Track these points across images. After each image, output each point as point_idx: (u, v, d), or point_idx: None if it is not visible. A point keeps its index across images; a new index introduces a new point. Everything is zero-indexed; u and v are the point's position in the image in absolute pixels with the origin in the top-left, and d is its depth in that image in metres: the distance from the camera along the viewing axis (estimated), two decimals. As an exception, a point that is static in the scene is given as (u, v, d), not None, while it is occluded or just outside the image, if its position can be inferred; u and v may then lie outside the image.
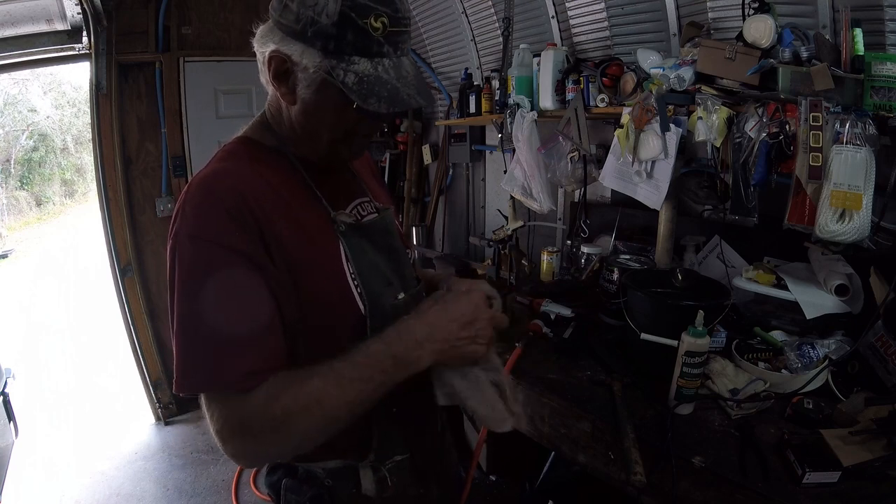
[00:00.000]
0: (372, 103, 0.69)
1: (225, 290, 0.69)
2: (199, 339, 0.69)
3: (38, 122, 12.76)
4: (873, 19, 1.31)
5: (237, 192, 0.72)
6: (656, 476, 1.04)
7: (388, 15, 0.69)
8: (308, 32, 0.69)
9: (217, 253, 0.69)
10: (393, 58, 0.72)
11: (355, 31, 0.68)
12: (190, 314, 0.70)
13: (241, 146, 0.82)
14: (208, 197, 0.72)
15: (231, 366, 0.68)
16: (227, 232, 0.70)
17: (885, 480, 0.92)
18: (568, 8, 2.08)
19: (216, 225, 0.70)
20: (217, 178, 0.75)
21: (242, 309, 0.70)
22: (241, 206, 0.71)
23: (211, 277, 0.69)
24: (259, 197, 0.73)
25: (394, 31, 0.70)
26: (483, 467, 2.27)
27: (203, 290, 0.69)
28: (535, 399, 1.34)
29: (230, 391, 0.69)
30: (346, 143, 0.80)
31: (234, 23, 2.96)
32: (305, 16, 0.68)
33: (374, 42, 0.70)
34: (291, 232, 0.75)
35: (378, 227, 0.89)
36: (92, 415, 3.35)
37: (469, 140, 2.80)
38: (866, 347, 1.23)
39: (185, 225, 0.71)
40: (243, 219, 0.71)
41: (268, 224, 0.73)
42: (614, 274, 1.69)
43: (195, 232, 0.70)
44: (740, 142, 1.38)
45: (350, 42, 0.69)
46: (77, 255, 8.33)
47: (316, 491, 0.85)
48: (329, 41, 0.69)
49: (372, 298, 0.81)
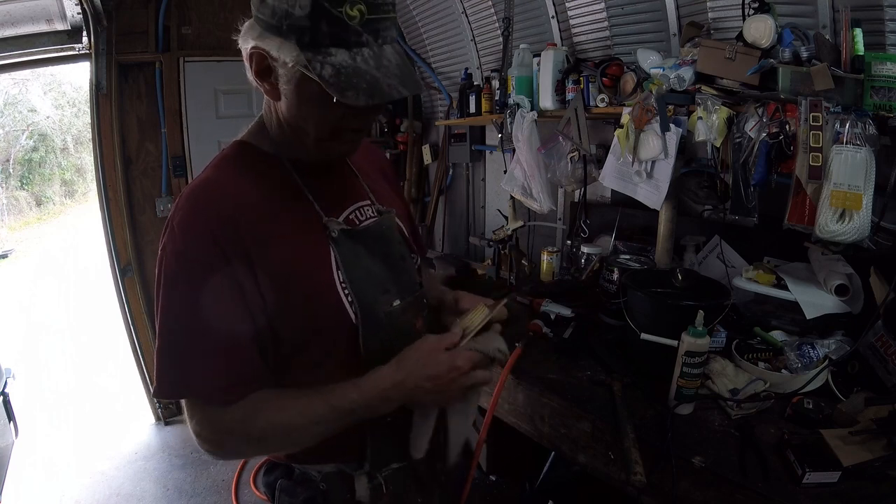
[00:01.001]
0: (350, 96, 0.66)
1: (204, 306, 0.71)
2: (178, 349, 0.73)
3: (38, 122, 12.75)
4: (873, 19, 1.31)
5: (222, 207, 0.74)
6: (656, 476, 1.04)
7: (365, 2, 0.66)
8: (283, 26, 0.67)
9: (199, 273, 0.72)
10: (374, 47, 0.69)
11: (330, 21, 0.65)
12: (171, 325, 0.73)
13: (237, 152, 0.83)
14: (195, 215, 0.74)
15: (205, 378, 0.72)
16: (211, 253, 0.72)
17: (885, 480, 0.92)
18: (568, 8, 2.08)
19: (200, 245, 0.72)
20: (206, 192, 0.76)
21: (219, 325, 0.72)
22: (227, 224, 0.73)
23: (191, 294, 0.72)
24: (247, 212, 0.75)
25: (373, 19, 0.67)
26: (483, 467, 2.27)
27: (183, 304, 0.72)
28: (535, 399, 1.34)
29: (208, 403, 0.74)
30: (336, 139, 0.78)
31: (234, 23, 2.92)
32: (280, 9, 0.66)
33: (351, 31, 0.66)
34: (278, 244, 0.76)
35: (374, 232, 0.87)
36: (92, 415, 3.35)
37: (469, 140, 2.80)
38: (866, 347, 1.23)
39: (171, 241, 0.73)
40: (227, 239, 0.72)
41: (252, 240, 0.74)
42: (614, 274, 1.69)
43: (180, 247, 0.73)
44: (740, 142, 1.38)
45: (325, 33, 0.66)
46: (77, 255, 8.32)
47: (310, 494, 0.85)
48: (304, 34, 0.66)
49: (364, 307, 0.80)
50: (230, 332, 0.73)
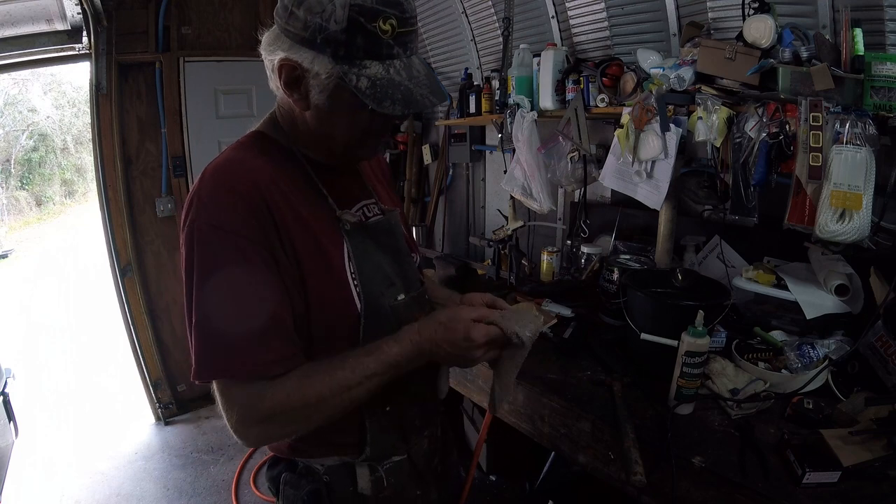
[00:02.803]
0: (387, 106, 0.70)
1: (246, 279, 0.71)
2: (222, 326, 0.71)
3: (38, 122, 12.75)
4: (873, 19, 1.31)
5: (252, 182, 0.73)
6: (656, 476, 1.04)
7: (396, 17, 0.69)
8: (317, 39, 0.69)
9: (238, 243, 0.71)
10: (403, 58, 0.73)
11: (365, 36, 0.68)
12: (212, 302, 0.71)
13: (255, 140, 0.83)
14: (224, 186, 0.73)
15: (254, 355, 0.71)
16: (246, 223, 0.71)
17: (885, 480, 0.93)
18: (568, 8, 2.08)
19: (235, 215, 0.71)
20: (232, 167, 0.76)
21: (262, 299, 0.72)
22: (257, 196, 0.73)
23: (232, 267, 0.71)
24: (271, 189, 0.75)
25: (402, 32, 0.71)
26: (483, 467, 2.27)
27: (225, 279, 0.71)
28: (535, 399, 1.34)
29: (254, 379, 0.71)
30: (362, 144, 0.81)
31: (234, 23, 2.96)
32: (314, 23, 0.68)
33: (383, 45, 0.70)
34: (298, 228, 0.77)
35: (383, 227, 0.89)
36: (92, 415, 3.35)
37: (469, 140, 2.80)
38: (866, 347, 1.23)
39: (203, 213, 0.71)
40: (259, 210, 0.72)
41: (280, 217, 0.74)
42: (614, 274, 1.69)
43: (215, 221, 0.71)
44: (740, 142, 1.38)
45: (360, 47, 0.69)
46: (77, 255, 8.32)
47: (314, 486, 0.86)
48: (339, 47, 0.69)
49: (370, 298, 0.82)
50: (275, 305, 0.73)
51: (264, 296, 0.72)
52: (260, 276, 0.72)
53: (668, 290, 1.40)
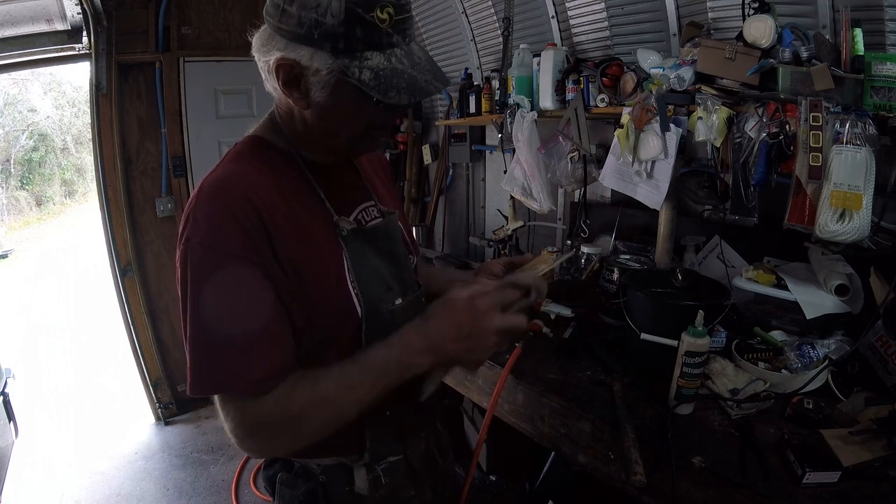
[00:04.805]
0: (392, 96, 0.68)
1: (237, 298, 0.71)
2: (213, 344, 0.71)
3: (38, 122, 12.76)
4: (873, 19, 1.31)
5: (247, 199, 0.72)
6: (656, 476, 1.04)
7: (392, 4, 0.67)
8: (314, 35, 0.67)
9: (229, 262, 0.71)
10: (403, 46, 0.71)
11: (363, 27, 0.66)
12: (204, 320, 0.71)
13: (252, 147, 0.82)
14: (219, 205, 0.72)
15: (243, 372, 0.71)
16: (238, 242, 0.71)
17: (885, 480, 0.92)
18: (568, 8, 2.08)
19: (227, 234, 0.71)
20: (227, 183, 0.75)
21: (253, 316, 0.71)
22: (252, 214, 0.72)
23: (223, 286, 0.70)
24: (267, 203, 0.74)
25: (400, 20, 0.69)
26: (483, 467, 2.27)
27: (216, 297, 0.71)
28: (535, 399, 1.34)
29: (244, 396, 0.71)
30: (366, 138, 0.80)
31: (234, 23, 2.96)
32: (309, 18, 0.66)
33: (383, 34, 0.68)
34: (297, 238, 0.76)
35: (381, 231, 0.89)
36: (92, 415, 3.35)
37: (469, 140, 2.80)
38: (866, 347, 1.23)
39: (196, 232, 0.71)
40: (254, 228, 0.72)
41: (276, 231, 0.74)
42: (614, 274, 1.69)
43: (207, 241, 0.71)
44: (740, 142, 1.38)
45: (360, 38, 0.67)
46: (77, 255, 8.33)
47: (310, 486, 0.86)
48: (338, 41, 0.67)
49: (369, 304, 0.81)
50: (266, 322, 0.72)
51: (258, 312, 0.72)
52: (253, 294, 0.72)
53: (668, 290, 1.40)
